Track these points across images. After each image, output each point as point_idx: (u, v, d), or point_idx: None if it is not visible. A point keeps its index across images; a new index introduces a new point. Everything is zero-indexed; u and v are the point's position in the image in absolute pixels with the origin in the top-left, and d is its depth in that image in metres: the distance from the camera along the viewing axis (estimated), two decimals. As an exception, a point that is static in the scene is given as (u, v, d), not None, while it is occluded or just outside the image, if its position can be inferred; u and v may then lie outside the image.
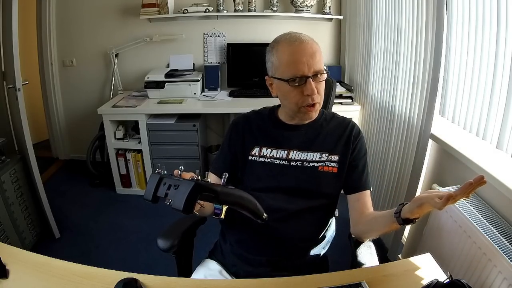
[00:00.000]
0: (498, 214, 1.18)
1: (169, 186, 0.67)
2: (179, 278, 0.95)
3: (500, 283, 1.01)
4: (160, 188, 0.68)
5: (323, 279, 0.85)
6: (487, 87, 1.22)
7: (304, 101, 0.96)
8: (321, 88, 0.97)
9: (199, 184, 0.65)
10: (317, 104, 0.98)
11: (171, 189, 0.66)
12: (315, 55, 0.93)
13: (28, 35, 2.94)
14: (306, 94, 0.94)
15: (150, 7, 2.66)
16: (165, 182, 0.68)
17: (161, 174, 0.70)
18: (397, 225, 0.85)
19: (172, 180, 0.68)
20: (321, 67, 0.94)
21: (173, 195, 0.65)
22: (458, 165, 1.40)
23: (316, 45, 0.96)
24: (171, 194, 0.66)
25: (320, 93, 0.97)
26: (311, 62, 0.92)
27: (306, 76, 0.92)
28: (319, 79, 0.95)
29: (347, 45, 2.72)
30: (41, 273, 0.85)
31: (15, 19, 1.75)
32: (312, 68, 0.92)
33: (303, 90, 0.94)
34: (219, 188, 0.69)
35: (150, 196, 0.68)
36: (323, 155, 1.03)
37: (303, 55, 0.92)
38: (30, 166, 1.95)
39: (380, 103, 2.08)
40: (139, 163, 2.59)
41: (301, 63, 0.92)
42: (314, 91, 0.93)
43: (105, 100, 2.88)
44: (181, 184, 0.65)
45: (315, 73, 0.93)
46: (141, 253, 2.02)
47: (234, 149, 1.09)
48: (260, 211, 0.78)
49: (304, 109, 0.98)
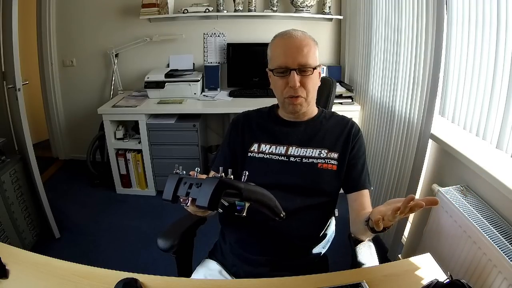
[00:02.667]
0: (498, 214, 1.18)
1: (190, 185, 0.67)
2: (179, 278, 0.95)
3: (500, 283, 1.01)
4: (180, 187, 0.68)
5: (323, 279, 0.85)
6: (487, 87, 1.22)
7: (287, 91, 0.99)
8: (308, 83, 0.98)
9: (223, 181, 0.65)
10: (301, 98, 0.99)
11: (193, 188, 0.66)
12: (303, 49, 0.95)
13: (28, 35, 2.94)
14: (289, 85, 0.97)
15: (150, 7, 2.66)
16: (186, 181, 0.68)
17: (179, 174, 0.70)
18: (370, 233, 0.86)
19: (193, 179, 0.68)
20: (308, 61, 0.96)
21: (197, 193, 0.65)
22: (458, 165, 1.40)
23: (309, 40, 0.98)
24: (194, 192, 0.66)
25: (306, 87, 0.98)
26: (296, 55, 0.95)
27: (290, 68, 0.96)
28: (305, 73, 0.97)
29: (347, 45, 2.72)
30: (41, 273, 0.85)
31: (15, 19, 1.75)
32: (297, 61, 0.95)
33: (287, 81, 0.97)
34: (242, 185, 0.69)
35: (170, 195, 0.68)
36: (322, 152, 1.04)
37: (289, 48, 0.96)
38: (30, 166, 1.95)
39: (380, 103, 2.09)
40: (139, 163, 2.59)
41: (287, 55, 0.96)
42: (295, 84, 0.96)
43: (105, 100, 2.89)
44: (204, 182, 0.65)
45: (300, 66, 0.95)
46: (141, 253, 2.02)
47: (233, 146, 1.10)
48: (279, 209, 0.79)
49: (288, 100, 1.01)
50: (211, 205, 0.63)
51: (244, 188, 0.69)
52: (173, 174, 0.70)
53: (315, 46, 1.00)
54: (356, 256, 0.99)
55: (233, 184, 0.67)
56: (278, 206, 0.79)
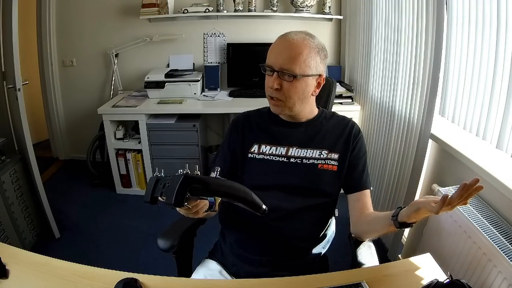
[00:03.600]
0: (498, 214, 1.18)
1: (164, 185, 0.68)
2: (179, 278, 0.95)
3: (500, 283, 1.01)
4: (157, 188, 0.69)
5: (323, 279, 0.85)
6: (487, 87, 1.22)
7: (267, 90, 1.00)
8: (290, 89, 0.95)
9: (188, 176, 0.67)
10: (279, 101, 0.98)
11: (165, 187, 0.68)
12: (292, 53, 0.93)
13: (28, 35, 2.94)
14: (267, 85, 0.98)
15: (150, 7, 2.66)
16: (161, 182, 0.69)
17: (158, 176, 0.71)
18: (394, 228, 0.86)
19: (167, 178, 0.69)
20: (292, 67, 0.93)
21: (166, 191, 0.67)
22: (458, 165, 1.40)
23: (305, 47, 0.94)
24: (165, 191, 0.67)
25: (285, 92, 0.96)
26: (281, 58, 0.94)
27: (272, 68, 0.96)
28: (283, 78, 0.95)
29: (347, 45, 2.72)
30: (41, 273, 0.85)
31: (15, 19, 1.75)
32: (279, 64, 0.94)
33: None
34: (209, 179, 0.70)
35: (148, 197, 0.69)
36: (322, 152, 1.03)
37: (279, 49, 0.96)
38: (30, 166, 1.95)
39: (380, 103, 2.08)
40: (139, 163, 2.59)
41: (275, 55, 0.96)
42: (272, 85, 0.95)
43: (105, 100, 2.88)
44: (172, 179, 0.67)
45: (281, 69, 0.94)
46: (141, 253, 2.02)
47: (233, 147, 1.09)
48: (257, 201, 0.77)
49: (269, 99, 1.02)
50: (176, 201, 0.65)
51: (212, 182, 0.70)
52: (152, 177, 0.71)
53: (311, 54, 0.94)
54: (356, 256, 0.99)
55: (198, 178, 0.68)
56: (256, 199, 0.77)
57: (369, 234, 1.01)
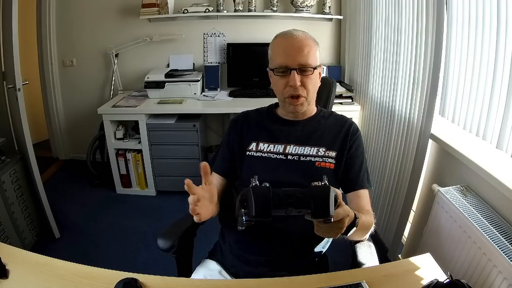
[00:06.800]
0: (498, 214, 1.18)
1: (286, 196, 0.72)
2: (179, 278, 0.95)
3: (500, 283, 1.01)
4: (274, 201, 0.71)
5: (323, 279, 0.85)
6: (487, 87, 1.22)
7: (288, 91, 0.99)
8: (309, 83, 0.99)
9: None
10: (302, 98, 1.00)
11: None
12: (303, 49, 0.96)
13: (28, 35, 2.94)
14: (289, 85, 0.97)
15: (150, 7, 2.66)
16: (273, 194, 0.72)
17: (265, 186, 0.74)
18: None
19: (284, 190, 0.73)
20: (308, 61, 0.97)
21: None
22: (458, 165, 1.40)
23: (310, 41, 0.99)
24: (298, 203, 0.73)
25: (306, 87, 0.99)
26: (296, 55, 0.96)
27: (290, 68, 0.96)
28: (305, 73, 0.97)
29: (347, 45, 2.72)
30: (41, 273, 0.85)
31: (15, 19, 1.75)
32: (297, 61, 0.96)
33: (288, 80, 0.97)
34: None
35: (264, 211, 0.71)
36: (320, 150, 1.04)
37: (289, 48, 0.97)
38: (30, 166, 1.95)
39: (380, 103, 2.08)
40: (139, 163, 2.59)
41: (287, 55, 0.97)
42: (296, 83, 0.96)
43: (105, 100, 2.89)
44: (310, 193, 0.72)
45: (300, 66, 0.96)
46: (141, 253, 2.02)
47: (232, 146, 1.10)
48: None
49: (288, 100, 1.01)
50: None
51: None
52: (257, 186, 0.72)
53: (315, 46, 1.00)
54: (356, 256, 0.99)
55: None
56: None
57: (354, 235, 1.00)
